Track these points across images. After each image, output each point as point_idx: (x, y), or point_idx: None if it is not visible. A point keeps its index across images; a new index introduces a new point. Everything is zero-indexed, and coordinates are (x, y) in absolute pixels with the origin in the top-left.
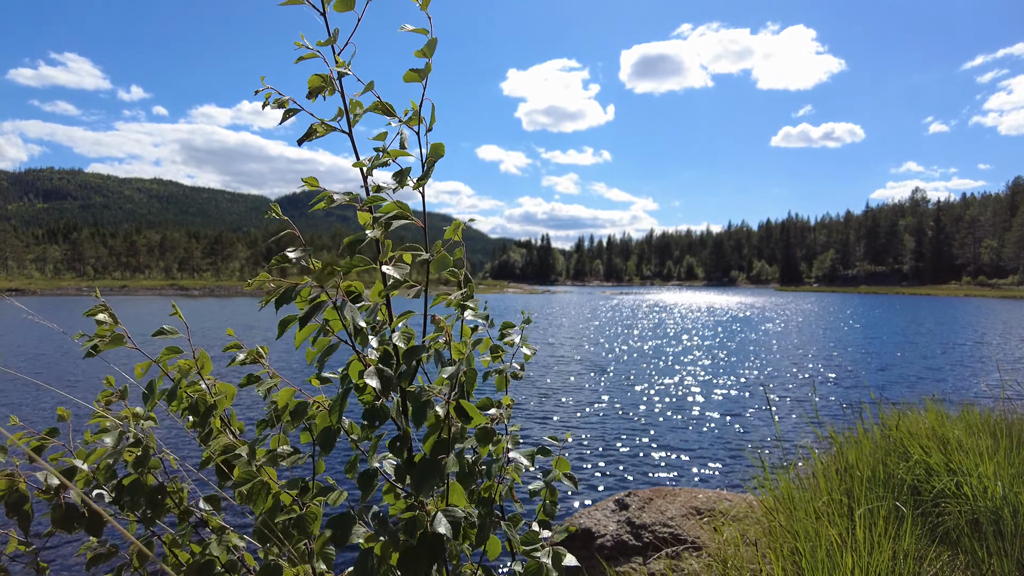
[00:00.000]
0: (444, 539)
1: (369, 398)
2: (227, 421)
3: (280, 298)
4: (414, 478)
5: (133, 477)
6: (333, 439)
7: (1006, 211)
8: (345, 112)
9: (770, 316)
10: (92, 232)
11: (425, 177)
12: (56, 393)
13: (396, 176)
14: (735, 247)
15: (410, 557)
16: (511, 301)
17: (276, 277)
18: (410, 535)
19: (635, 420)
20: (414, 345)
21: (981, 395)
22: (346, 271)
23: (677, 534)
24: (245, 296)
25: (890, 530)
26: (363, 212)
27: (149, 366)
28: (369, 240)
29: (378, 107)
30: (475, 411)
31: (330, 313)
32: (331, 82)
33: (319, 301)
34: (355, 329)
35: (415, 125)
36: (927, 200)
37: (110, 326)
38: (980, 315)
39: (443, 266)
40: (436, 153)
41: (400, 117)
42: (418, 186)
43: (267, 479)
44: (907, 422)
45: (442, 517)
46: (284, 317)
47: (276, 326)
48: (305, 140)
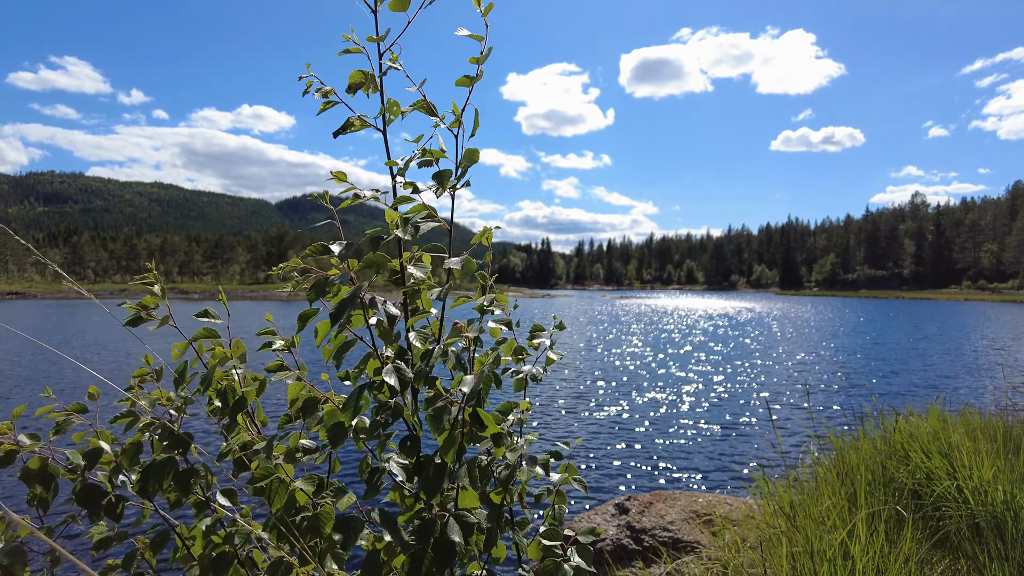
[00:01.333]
0: (456, 545)
1: (385, 397)
2: (251, 414)
3: (314, 288)
4: (424, 483)
5: (165, 456)
6: (344, 434)
7: (1006, 215)
8: (383, 111)
9: (769, 322)
10: (92, 236)
11: (461, 180)
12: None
13: (436, 177)
14: (735, 251)
15: (420, 562)
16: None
17: (305, 271)
18: (423, 541)
19: (635, 424)
20: (428, 348)
21: (982, 400)
22: (379, 267)
23: (677, 538)
24: (245, 300)
25: (891, 534)
26: (391, 211)
27: (186, 347)
28: (389, 240)
29: (423, 107)
30: (490, 420)
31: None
32: (372, 79)
33: (351, 296)
34: (389, 319)
35: (455, 128)
36: (927, 204)
37: (154, 307)
38: (981, 319)
39: (468, 270)
40: (470, 158)
41: (439, 121)
42: (455, 189)
43: (284, 476)
44: (908, 426)
45: (455, 524)
46: (303, 311)
47: (288, 326)
48: (341, 133)
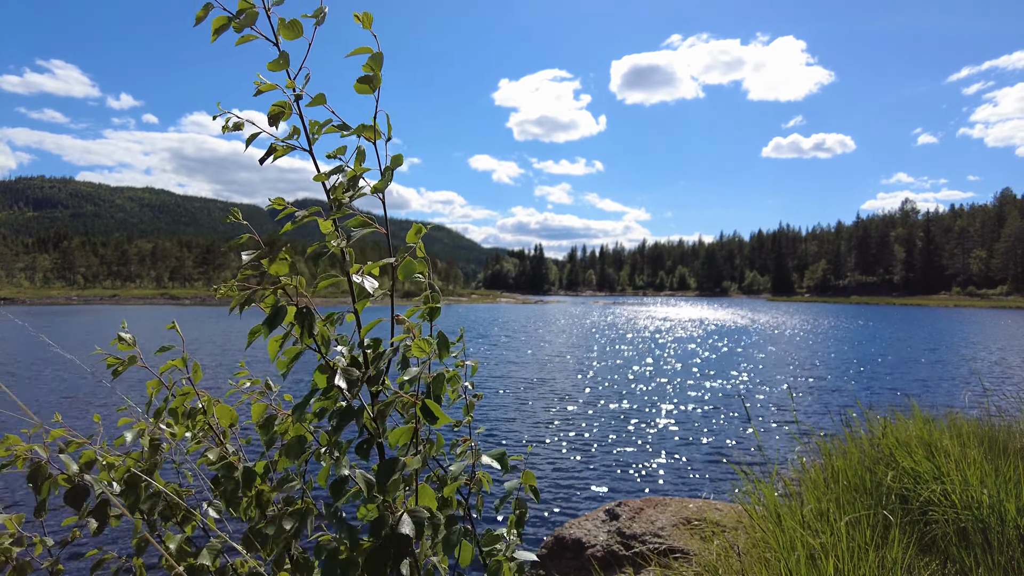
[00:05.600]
0: (410, 540)
1: (331, 403)
2: (220, 434)
3: (245, 301)
4: (378, 477)
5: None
6: (301, 447)
7: (994, 222)
8: (304, 131)
9: (760, 329)
10: (83, 241)
11: (383, 183)
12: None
13: (350, 182)
14: (727, 257)
15: (375, 558)
16: (502, 311)
17: (248, 283)
18: (376, 536)
19: (626, 430)
20: (381, 351)
21: (969, 404)
22: (318, 283)
23: (668, 544)
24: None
25: (877, 538)
26: (325, 222)
27: (159, 386)
28: (333, 251)
29: (332, 127)
30: (440, 411)
31: (294, 319)
32: (289, 107)
33: (280, 305)
34: (308, 329)
35: (374, 138)
36: (917, 211)
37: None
38: (970, 326)
39: (409, 271)
40: (396, 162)
41: (357, 132)
42: (375, 191)
43: (262, 487)
44: (894, 430)
45: (407, 518)
46: (253, 328)
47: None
48: (266, 159)
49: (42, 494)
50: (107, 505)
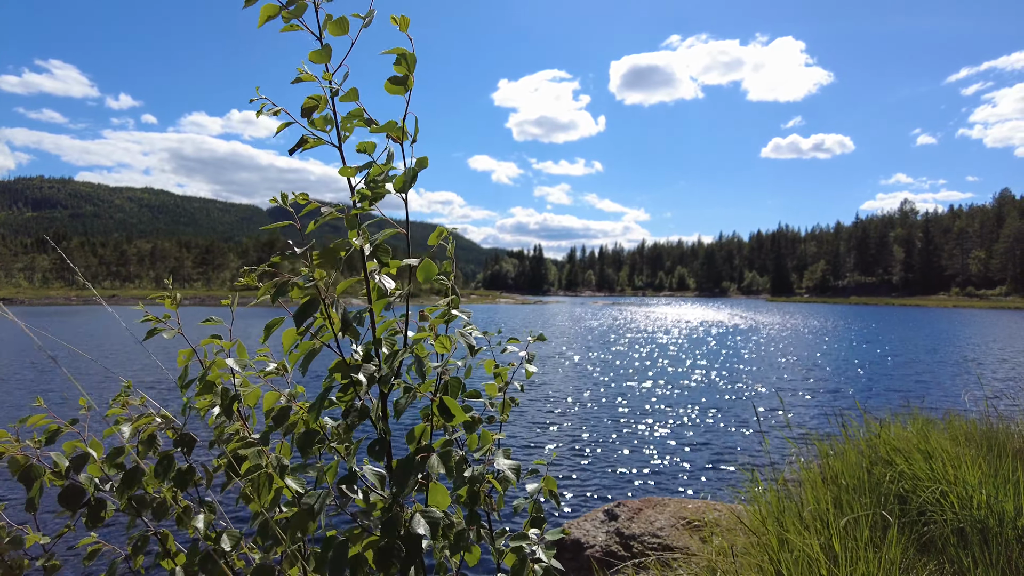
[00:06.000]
0: (422, 539)
1: (349, 398)
2: (245, 418)
3: (277, 291)
4: (395, 477)
5: (165, 453)
6: (312, 440)
7: (993, 223)
8: (336, 127)
9: (759, 329)
10: (82, 241)
11: (408, 184)
12: None
13: (370, 184)
14: (726, 258)
15: (386, 556)
16: (501, 311)
17: (270, 274)
18: (389, 535)
19: (625, 431)
20: (396, 350)
21: (967, 405)
22: (341, 285)
23: (666, 545)
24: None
25: (875, 539)
26: (350, 223)
27: (191, 355)
28: (354, 249)
29: (362, 120)
30: (458, 408)
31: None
32: (324, 100)
33: (313, 297)
34: (344, 323)
35: (400, 139)
36: (916, 212)
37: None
38: (969, 326)
39: (428, 273)
40: (421, 164)
41: (385, 129)
42: (399, 191)
43: (271, 472)
44: (893, 431)
45: (420, 518)
46: (269, 322)
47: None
48: (296, 150)
49: (32, 492)
50: (103, 506)
